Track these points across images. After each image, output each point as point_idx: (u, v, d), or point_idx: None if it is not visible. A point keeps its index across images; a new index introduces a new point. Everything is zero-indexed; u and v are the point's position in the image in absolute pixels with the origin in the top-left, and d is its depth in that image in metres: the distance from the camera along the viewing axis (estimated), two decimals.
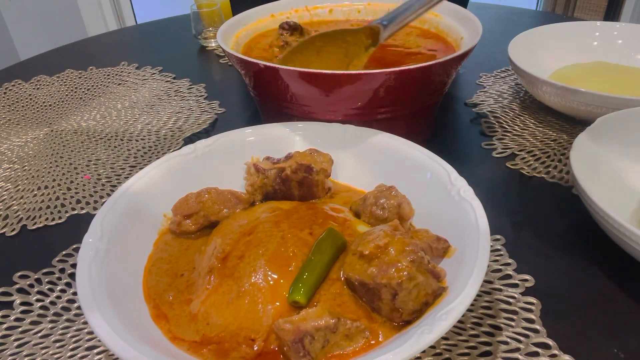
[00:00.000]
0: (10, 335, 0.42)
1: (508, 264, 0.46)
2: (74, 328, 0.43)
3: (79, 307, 0.44)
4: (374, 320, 0.36)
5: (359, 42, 0.56)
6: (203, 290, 0.39)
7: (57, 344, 0.41)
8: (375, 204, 0.44)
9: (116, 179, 0.62)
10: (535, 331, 0.40)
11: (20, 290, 0.47)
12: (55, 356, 0.40)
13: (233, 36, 0.67)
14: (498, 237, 0.49)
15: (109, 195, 0.58)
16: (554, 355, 0.38)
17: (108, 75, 0.90)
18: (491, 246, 0.45)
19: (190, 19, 0.98)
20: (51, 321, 0.43)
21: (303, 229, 0.41)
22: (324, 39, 0.56)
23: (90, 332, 0.42)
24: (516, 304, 0.42)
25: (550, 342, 0.39)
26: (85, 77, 0.89)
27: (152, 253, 0.44)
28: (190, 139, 0.68)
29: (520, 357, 0.38)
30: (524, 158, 0.61)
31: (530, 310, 0.42)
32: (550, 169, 0.59)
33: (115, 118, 0.75)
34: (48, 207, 0.58)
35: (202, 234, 0.46)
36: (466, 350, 0.39)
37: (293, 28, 0.64)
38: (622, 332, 0.40)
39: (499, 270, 0.46)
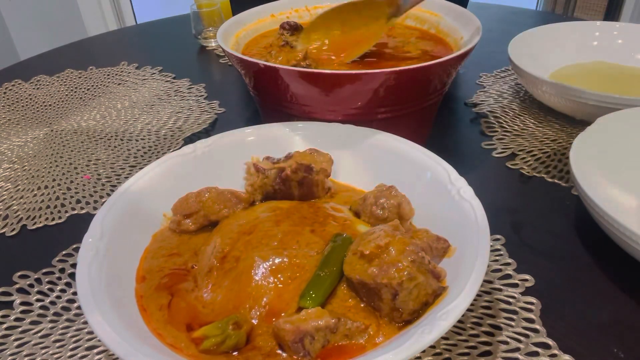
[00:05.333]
0: (10, 335, 0.42)
1: (508, 264, 0.46)
2: (74, 328, 0.43)
3: (79, 307, 0.44)
4: (377, 320, 0.36)
5: (381, 14, 0.61)
6: (202, 289, 0.39)
7: (57, 344, 0.41)
8: (375, 204, 0.44)
9: (116, 179, 0.62)
10: (535, 331, 0.40)
11: (20, 290, 0.47)
12: (55, 356, 0.40)
13: (233, 36, 0.66)
14: (498, 237, 0.49)
15: (109, 195, 0.58)
16: (554, 355, 0.38)
17: (108, 75, 0.90)
18: (491, 246, 0.45)
19: (190, 19, 0.98)
20: (51, 321, 0.43)
21: (304, 228, 0.41)
22: (348, 10, 0.61)
23: (90, 332, 0.42)
24: (516, 304, 0.42)
25: (550, 342, 0.39)
26: (85, 77, 0.89)
27: (149, 245, 0.44)
28: (190, 139, 0.68)
29: (520, 357, 0.38)
30: (524, 158, 0.61)
31: (530, 310, 0.42)
32: (550, 169, 0.59)
33: (115, 118, 0.75)
34: (48, 207, 0.58)
35: (201, 234, 0.46)
36: (466, 350, 0.39)
37: (294, 28, 0.64)
38: (622, 331, 0.40)
39: (499, 270, 0.46)
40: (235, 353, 0.34)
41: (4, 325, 0.43)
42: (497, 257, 0.47)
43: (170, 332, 0.36)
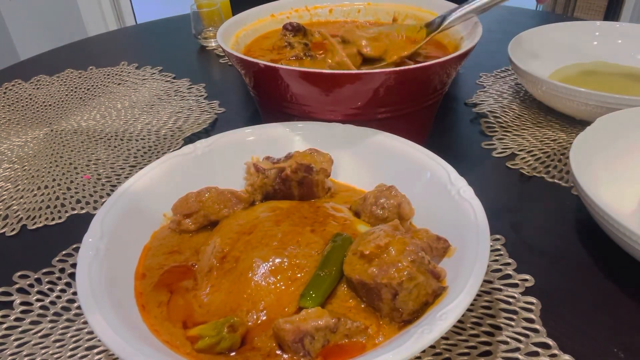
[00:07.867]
0: (10, 335, 0.42)
1: (508, 264, 0.46)
2: (74, 328, 0.43)
3: (79, 307, 0.44)
4: (377, 320, 0.36)
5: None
6: (201, 289, 0.39)
7: (57, 344, 0.41)
8: (375, 204, 0.44)
9: (116, 179, 0.62)
10: (535, 331, 0.40)
11: (20, 290, 0.47)
12: (55, 356, 0.40)
13: (233, 36, 0.67)
14: (498, 237, 0.49)
15: (109, 195, 0.58)
16: (554, 355, 0.38)
17: (108, 75, 0.90)
18: (491, 246, 0.45)
19: (190, 19, 0.98)
20: (51, 321, 0.43)
21: (304, 228, 0.41)
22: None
23: (90, 332, 0.42)
24: (516, 304, 0.42)
25: (550, 342, 0.39)
26: (85, 77, 0.89)
27: (149, 243, 0.44)
28: (190, 139, 0.68)
29: (520, 357, 0.38)
30: (524, 158, 0.61)
31: (530, 310, 0.42)
32: (550, 169, 0.59)
33: (115, 118, 0.75)
34: (48, 207, 0.58)
35: (202, 233, 0.46)
36: (466, 350, 0.39)
37: (296, 29, 0.64)
38: (622, 332, 0.40)
39: (499, 270, 0.46)
40: (233, 354, 0.34)
41: (4, 325, 0.43)
42: (497, 257, 0.47)
43: (166, 329, 0.36)
